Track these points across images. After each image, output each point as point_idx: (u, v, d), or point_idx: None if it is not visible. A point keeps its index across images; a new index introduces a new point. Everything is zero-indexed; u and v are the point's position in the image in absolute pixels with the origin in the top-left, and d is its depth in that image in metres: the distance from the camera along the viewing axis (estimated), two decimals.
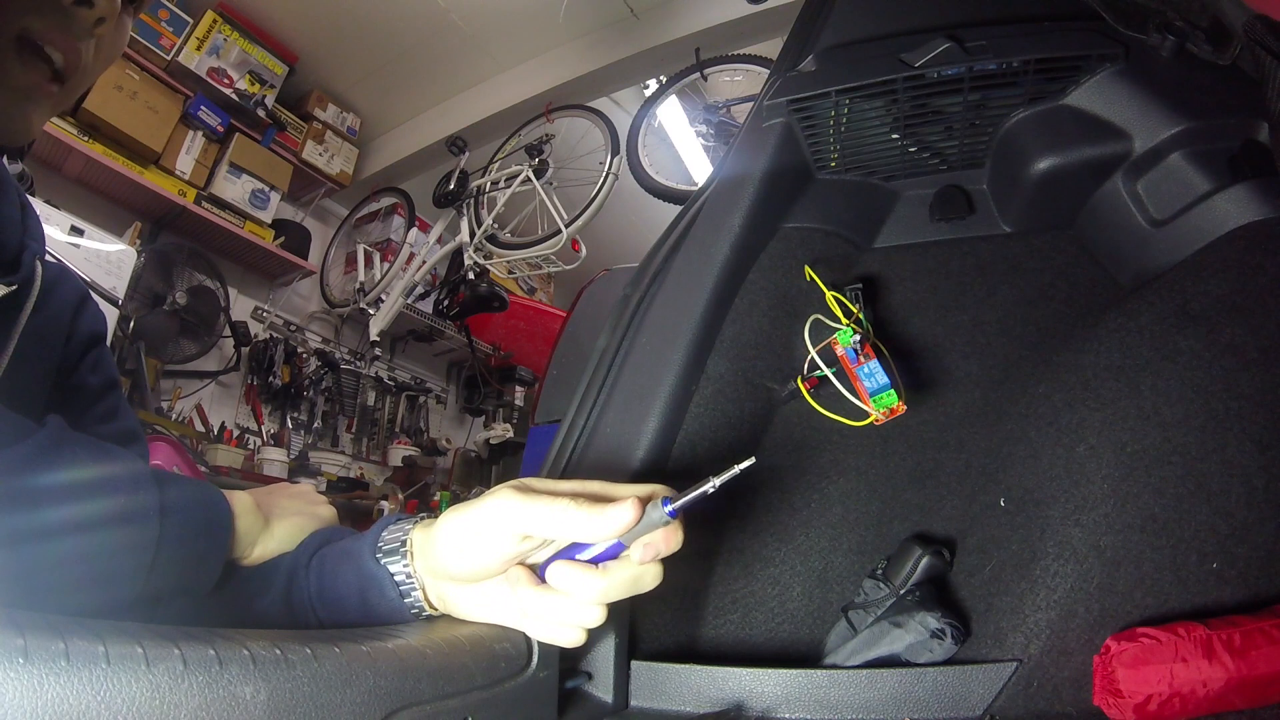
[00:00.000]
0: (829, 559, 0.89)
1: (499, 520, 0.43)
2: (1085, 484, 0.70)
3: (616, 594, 0.44)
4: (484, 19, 3.04)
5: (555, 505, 0.42)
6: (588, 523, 0.42)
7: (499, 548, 0.44)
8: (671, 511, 0.43)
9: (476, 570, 0.45)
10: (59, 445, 0.44)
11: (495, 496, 0.44)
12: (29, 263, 0.59)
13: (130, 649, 0.28)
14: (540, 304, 4.21)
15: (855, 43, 1.00)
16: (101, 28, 0.55)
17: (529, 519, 0.43)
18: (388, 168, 3.71)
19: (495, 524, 0.44)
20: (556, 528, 0.42)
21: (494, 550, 0.44)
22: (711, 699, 0.65)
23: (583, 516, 0.42)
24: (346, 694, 0.35)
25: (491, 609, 0.47)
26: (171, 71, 2.94)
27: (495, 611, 0.47)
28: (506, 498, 0.43)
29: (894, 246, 1.05)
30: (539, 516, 0.42)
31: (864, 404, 0.79)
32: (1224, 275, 0.78)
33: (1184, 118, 0.85)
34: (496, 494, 0.44)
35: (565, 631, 0.45)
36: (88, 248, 2.32)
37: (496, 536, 0.44)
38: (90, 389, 0.67)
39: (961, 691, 0.63)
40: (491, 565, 0.45)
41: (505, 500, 0.43)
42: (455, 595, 0.48)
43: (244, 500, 0.54)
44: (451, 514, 0.46)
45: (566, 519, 0.42)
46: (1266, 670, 0.59)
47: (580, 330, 1.69)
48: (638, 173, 2.82)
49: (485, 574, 0.46)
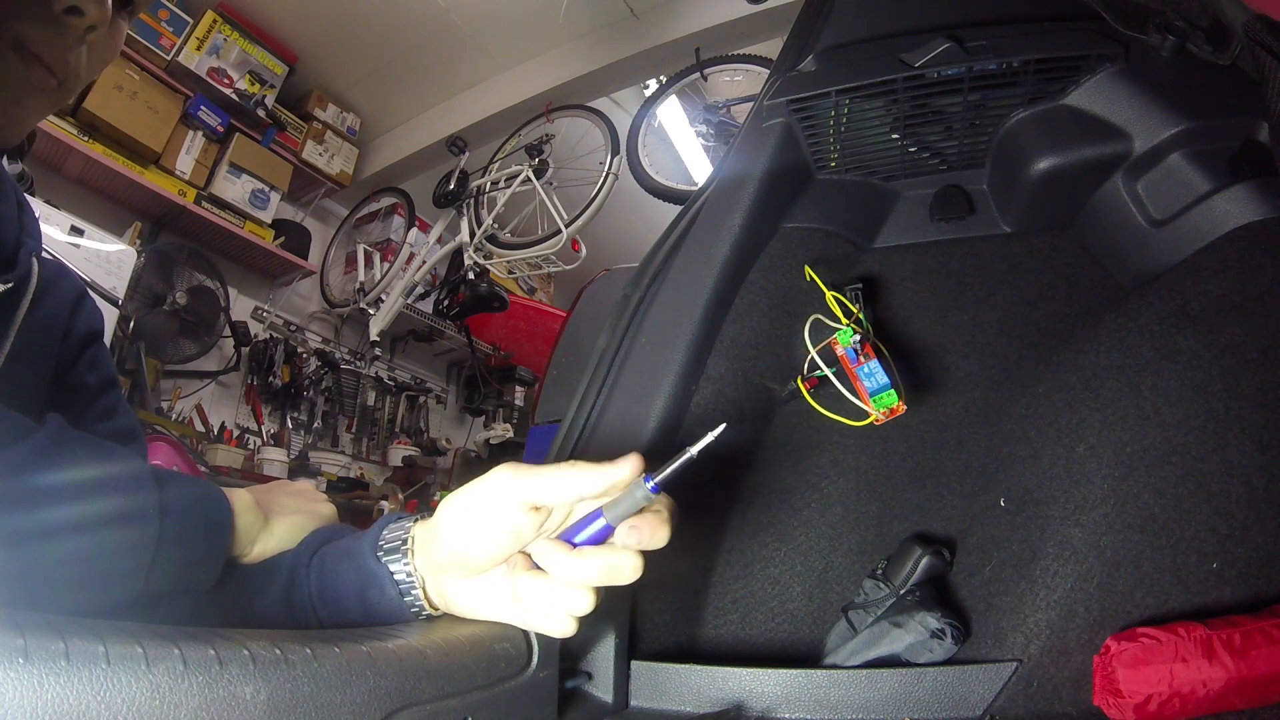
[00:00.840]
0: (829, 559, 0.89)
1: (499, 491, 0.44)
2: (1085, 484, 0.70)
3: (594, 576, 0.44)
4: (484, 19, 3.04)
5: (555, 469, 0.43)
6: (587, 478, 0.43)
7: (502, 521, 0.44)
8: (654, 486, 0.43)
9: (481, 552, 0.45)
10: (59, 444, 0.44)
11: (493, 472, 0.45)
12: (25, 260, 0.59)
13: (130, 649, 0.28)
14: (540, 304, 4.21)
15: (855, 43, 1.00)
16: (93, 35, 0.55)
17: (529, 485, 0.43)
18: (388, 168, 3.71)
19: (496, 496, 0.44)
20: (557, 488, 0.43)
21: (498, 525, 0.44)
22: (711, 699, 0.65)
23: (582, 472, 0.43)
24: (346, 694, 0.35)
25: (490, 605, 0.47)
26: (171, 71, 2.94)
27: (494, 607, 0.47)
28: (504, 471, 0.44)
29: (894, 246, 1.05)
30: (539, 480, 0.43)
31: (864, 404, 0.79)
32: (1224, 275, 0.78)
33: (1184, 118, 0.85)
34: (494, 471, 0.45)
35: (557, 620, 0.45)
36: (88, 248, 2.32)
37: (499, 509, 0.44)
38: (88, 387, 0.67)
39: (961, 691, 0.63)
40: (496, 542, 0.45)
41: (503, 473, 0.44)
42: (456, 591, 0.48)
43: (244, 498, 0.54)
44: (452, 496, 0.46)
45: (566, 477, 0.43)
46: (1266, 670, 0.59)
47: (580, 330, 1.69)
48: (638, 173, 2.82)
49: (489, 555, 0.45)
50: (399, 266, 3.38)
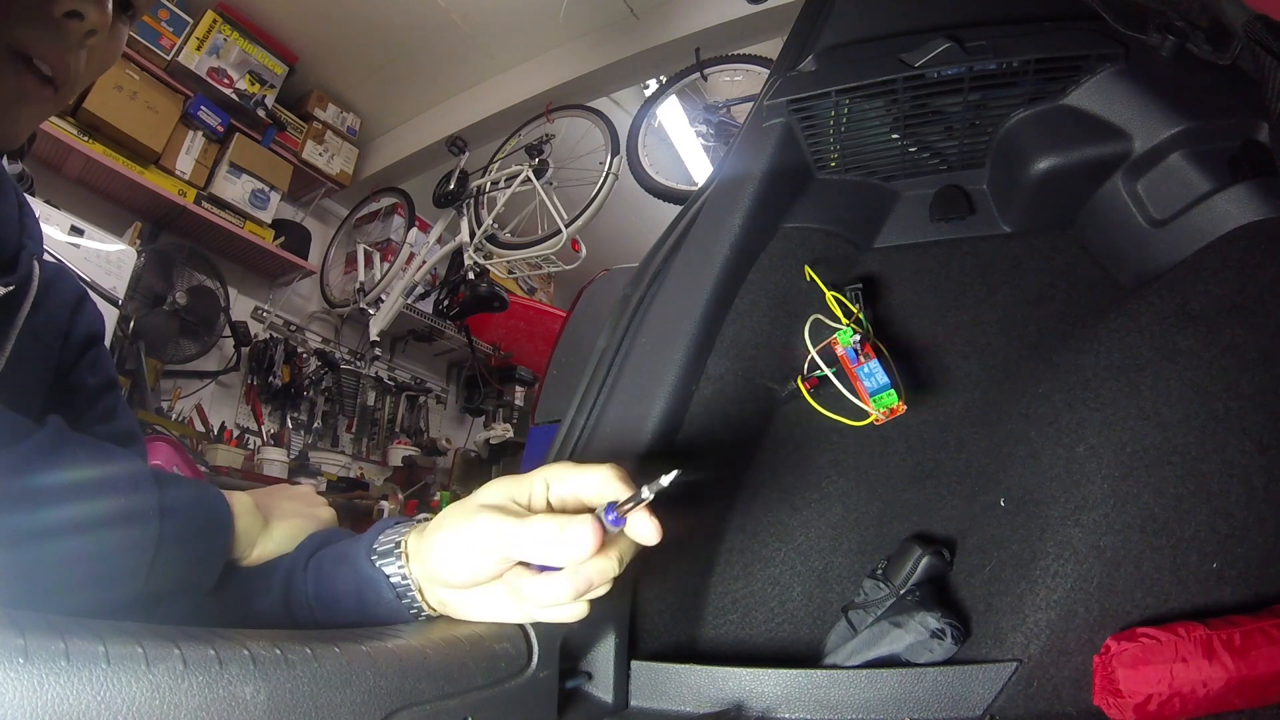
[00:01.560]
0: (829, 559, 0.89)
1: (482, 542, 0.43)
2: (1085, 484, 0.70)
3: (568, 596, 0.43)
4: (484, 19, 3.04)
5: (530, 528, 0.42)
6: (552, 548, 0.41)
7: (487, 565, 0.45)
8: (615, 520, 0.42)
9: (471, 580, 0.46)
10: (59, 445, 0.44)
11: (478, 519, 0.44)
12: (26, 262, 0.59)
13: (130, 649, 0.28)
14: (540, 304, 4.21)
15: (855, 43, 1.00)
16: (93, 39, 0.55)
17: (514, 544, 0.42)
18: (388, 168, 3.71)
19: (479, 545, 0.44)
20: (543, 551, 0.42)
21: (483, 566, 0.45)
22: (711, 699, 0.65)
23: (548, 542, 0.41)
24: (346, 694, 0.35)
25: (489, 606, 0.47)
26: (171, 71, 2.94)
27: (493, 607, 0.47)
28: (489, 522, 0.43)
29: (894, 246, 1.04)
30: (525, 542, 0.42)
31: (864, 404, 0.79)
32: (1224, 275, 0.78)
33: (1184, 118, 0.85)
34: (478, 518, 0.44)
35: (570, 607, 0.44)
36: (88, 248, 2.32)
37: (483, 556, 0.44)
38: (88, 389, 0.67)
39: (961, 691, 0.63)
40: (484, 574, 0.45)
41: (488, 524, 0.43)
42: (454, 599, 0.48)
43: (243, 501, 0.54)
44: (440, 530, 0.46)
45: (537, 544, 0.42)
46: (1266, 670, 0.59)
47: (580, 330, 1.69)
48: (638, 173, 2.82)
49: (480, 582, 0.46)
50: (399, 266, 3.38)
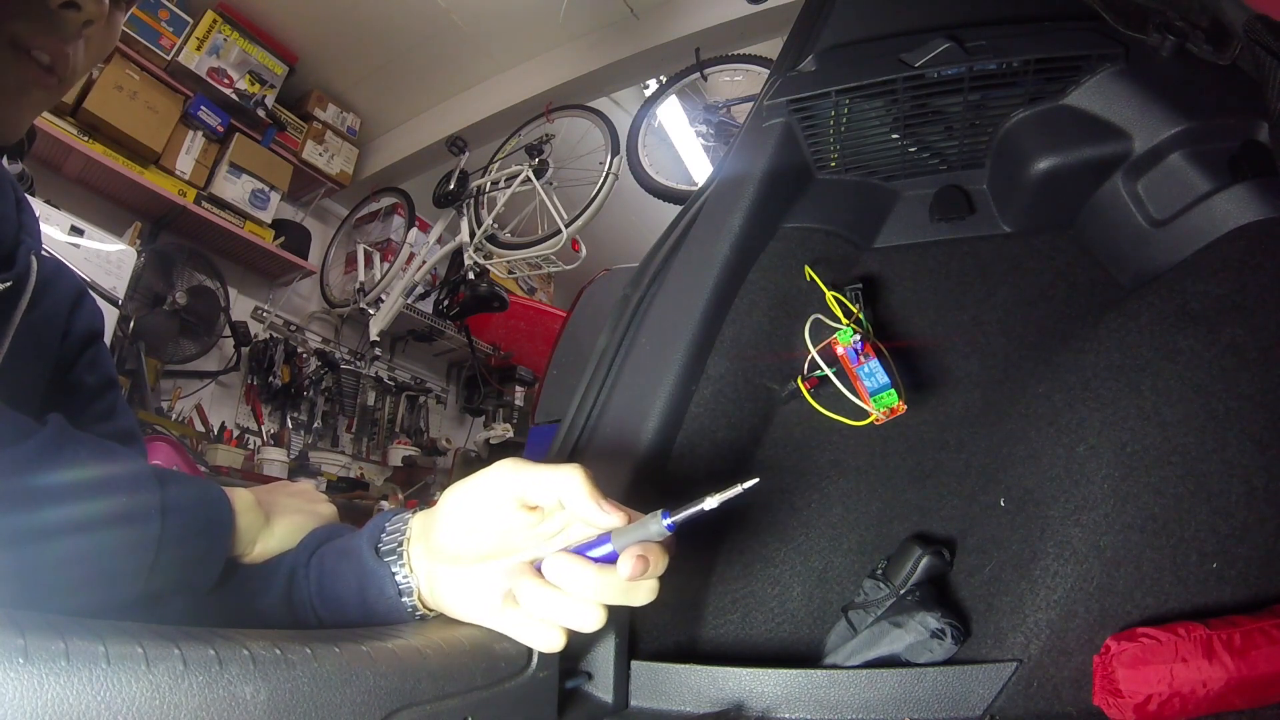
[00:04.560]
0: (829, 559, 0.89)
1: (499, 485, 0.45)
2: (1085, 484, 0.70)
3: (610, 596, 0.43)
4: (484, 19, 3.04)
5: (557, 471, 0.43)
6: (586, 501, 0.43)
7: (496, 515, 0.45)
8: (670, 525, 0.43)
9: (472, 543, 0.46)
10: (61, 445, 0.44)
11: (496, 465, 0.46)
12: (24, 258, 0.59)
13: (130, 649, 0.28)
14: (540, 304, 4.21)
15: (855, 43, 1.00)
16: (90, 29, 0.55)
17: (527, 483, 0.44)
18: (388, 168, 3.71)
19: (495, 489, 0.45)
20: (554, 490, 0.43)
21: (491, 518, 0.45)
22: (711, 699, 0.65)
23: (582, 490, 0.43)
24: (346, 694, 0.35)
25: (478, 606, 0.47)
26: (171, 71, 2.93)
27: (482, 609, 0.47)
28: (506, 465, 0.45)
29: (894, 246, 1.04)
30: (538, 480, 0.44)
31: (864, 404, 0.79)
32: (1224, 275, 0.78)
33: (1184, 118, 0.85)
34: (497, 464, 0.46)
35: (547, 633, 0.44)
36: (88, 248, 2.32)
37: (494, 503, 0.45)
38: (88, 387, 0.67)
39: (961, 691, 0.63)
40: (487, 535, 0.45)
41: (505, 467, 0.45)
42: (447, 587, 0.47)
43: (245, 498, 0.54)
44: (455, 485, 0.47)
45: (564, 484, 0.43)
46: (1266, 670, 0.59)
47: (580, 330, 1.68)
48: (638, 173, 2.82)
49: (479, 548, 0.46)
50: (399, 266, 3.38)
